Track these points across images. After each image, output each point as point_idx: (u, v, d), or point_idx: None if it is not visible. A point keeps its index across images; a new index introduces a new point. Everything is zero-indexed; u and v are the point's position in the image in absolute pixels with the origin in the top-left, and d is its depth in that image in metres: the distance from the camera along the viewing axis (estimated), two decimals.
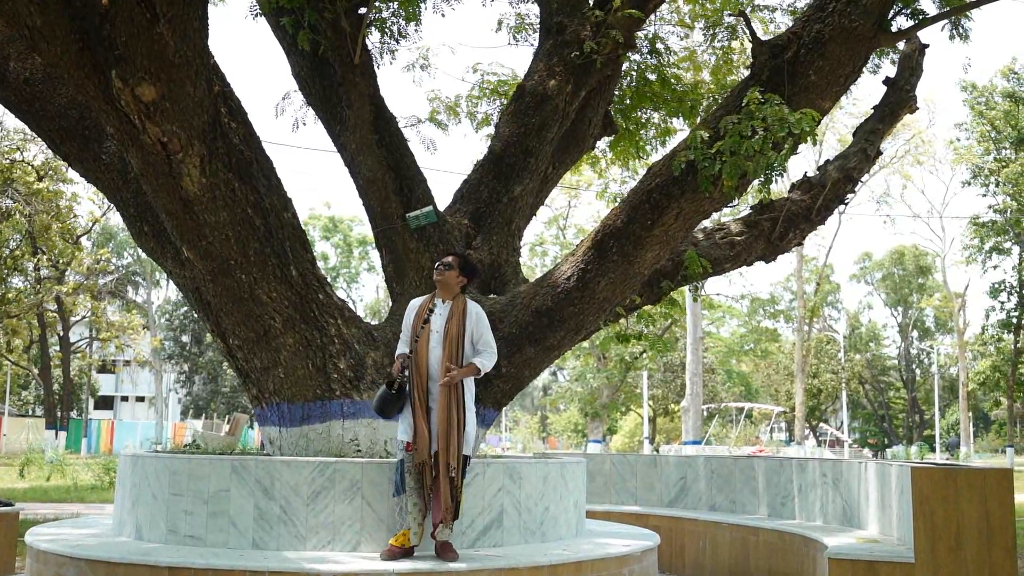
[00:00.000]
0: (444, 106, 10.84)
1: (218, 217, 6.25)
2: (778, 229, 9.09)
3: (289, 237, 6.71)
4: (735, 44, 12.07)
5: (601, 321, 7.83)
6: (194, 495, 5.89)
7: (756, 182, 6.31)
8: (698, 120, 10.35)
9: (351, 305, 18.86)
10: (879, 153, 9.71)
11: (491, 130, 10.61)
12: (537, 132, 8.05)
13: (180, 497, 5.94)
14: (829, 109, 6.82)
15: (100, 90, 5.74)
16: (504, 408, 7.59)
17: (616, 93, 10.19)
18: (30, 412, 57.01)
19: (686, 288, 9.76)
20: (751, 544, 8.33)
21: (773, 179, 6.07)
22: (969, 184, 38.83)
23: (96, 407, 63.97)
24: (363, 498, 5.76)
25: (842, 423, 60.59)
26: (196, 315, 7.36)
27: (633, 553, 6.26)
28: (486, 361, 5.78)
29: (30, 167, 31.00)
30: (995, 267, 39.27)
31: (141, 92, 5.62)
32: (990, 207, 37.79)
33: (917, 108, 9.89)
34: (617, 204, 6.99)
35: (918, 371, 65.79)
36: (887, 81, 9.45)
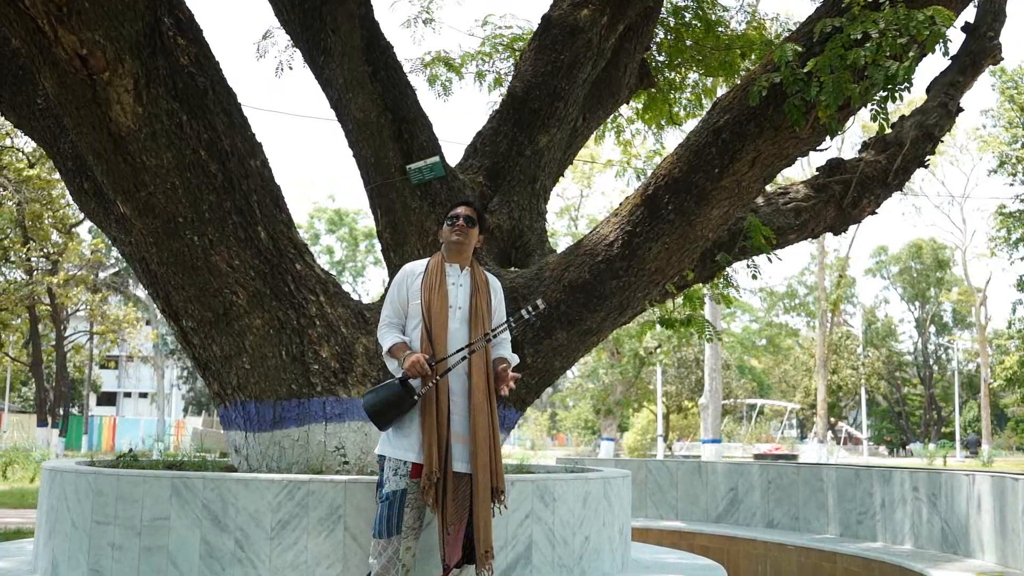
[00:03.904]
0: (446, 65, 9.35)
1: (160, 160, 4.80)
2: (851, 194, 7.68)
3: (257, 190, 5.26)
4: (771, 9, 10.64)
5: (649, 300, 6.37)
6: (124, 524, 4.45)
7: (869, 107, 4.81)
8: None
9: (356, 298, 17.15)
10: (960, 109, 8.36)
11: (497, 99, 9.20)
12: (567, 71, 6.59)
13: (106, 526, 4.50)
14: (955, 19, 5.34)
15: None
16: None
17: (651, 47, 8.79)
18: (31, 409, 55.73)
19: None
20: (826, 572, 6.86)
21: (897, 96, 4.57)
22: (995, 172, 37.34)
23: (99, 403, 62.82)
24: (346, 529, 4.32)
25: (855, 420, 59.02)
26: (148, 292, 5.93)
27: None
28: (513, 352, 4.37)
29: (21, 153, 29.74)
30: (1022, 259, 37.79)
31: None
32: (1017, 196, 36.31)
33: (1002, 58, 8.57)
34: (673, 151, 5.51)
35: (935, 367, 64.17)
36: (966, 27, 8.13)
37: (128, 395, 67.54)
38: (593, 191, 38.15)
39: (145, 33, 4.59)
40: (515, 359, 4.30)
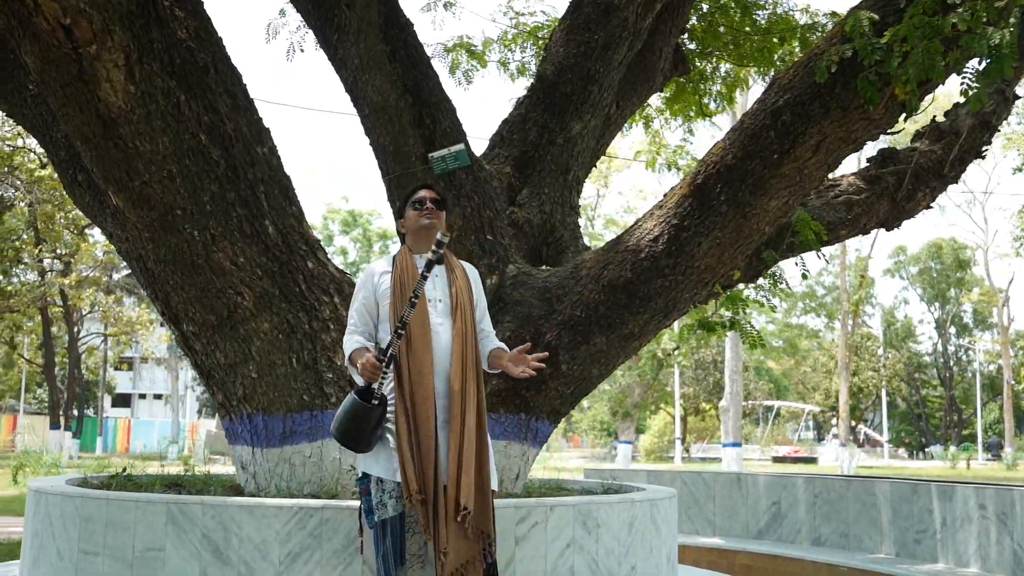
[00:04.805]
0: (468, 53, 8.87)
1: (155, 145, 4.30)
2: (905, 187, 7.15)
3: (264, 179, 4.76)
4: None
5: (695, 301, 5.82)
6: (114, 555, 3.95)
7: (960, 81, 4.26)
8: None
9: None
10: (1016, 96, 7.82)
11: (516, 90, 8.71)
12: (601, 52, 6.06)
13: (94, 556, 4.00)
14: None
15: None
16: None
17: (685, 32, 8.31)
18: (47, 410, 55.58)
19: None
20: None
21: (1005, 69, 4.02)
22: (1020, 170, 36.63)
23: (114, 405, 62.73)
24: (364, 562, 3.80)
25: (874, 422, 58.18)
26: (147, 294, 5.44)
27: None
28: (549, 358, 3.85)
29: (32, 153, 29.43)
30: None
31: None
32: None
33: None
34: (725, 135, 4.98)
35: (955, 369, 63.27)
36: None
37: (143, 397, 67.49)
38: (610, 190, 37.46)
39: (137, 2, 4.10)
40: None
